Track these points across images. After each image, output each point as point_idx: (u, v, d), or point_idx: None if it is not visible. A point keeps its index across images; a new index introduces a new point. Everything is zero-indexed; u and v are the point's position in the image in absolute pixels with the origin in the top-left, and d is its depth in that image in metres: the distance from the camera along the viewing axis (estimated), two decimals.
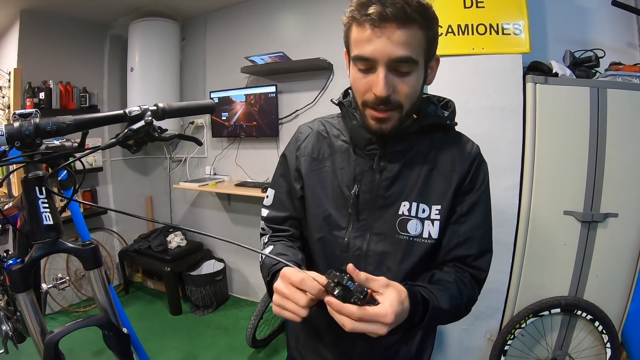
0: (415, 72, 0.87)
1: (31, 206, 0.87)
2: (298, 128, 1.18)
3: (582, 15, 2.28)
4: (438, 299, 0.86)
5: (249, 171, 3.70)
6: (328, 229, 1.03)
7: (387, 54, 0.82)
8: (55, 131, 0.84)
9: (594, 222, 1.95)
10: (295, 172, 1.10)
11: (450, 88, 1.97)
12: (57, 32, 3.55)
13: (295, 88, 3.37)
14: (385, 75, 0.84)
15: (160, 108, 0.93)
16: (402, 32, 0.81)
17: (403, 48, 0.82)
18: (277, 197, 1.13)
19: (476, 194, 0.99)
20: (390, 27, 0.81)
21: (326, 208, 1.04)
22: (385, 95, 0.84)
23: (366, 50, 0.84)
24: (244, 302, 3.84)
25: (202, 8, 3.78)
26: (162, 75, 3.71)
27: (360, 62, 0.87)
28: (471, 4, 1.93)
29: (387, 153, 0.99)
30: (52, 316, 3.48)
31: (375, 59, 0.83)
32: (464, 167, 0.99)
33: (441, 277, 0.94)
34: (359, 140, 1.02)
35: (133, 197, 4.40)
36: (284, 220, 1.10)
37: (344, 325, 0.72)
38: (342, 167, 1.04)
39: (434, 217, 0.97)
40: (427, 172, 0.99)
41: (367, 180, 1.00)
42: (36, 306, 0.92)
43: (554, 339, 2.10)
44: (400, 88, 0.86)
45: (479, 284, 1.01)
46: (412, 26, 0.82)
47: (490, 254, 1.02)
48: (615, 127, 1.91)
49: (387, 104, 0.87)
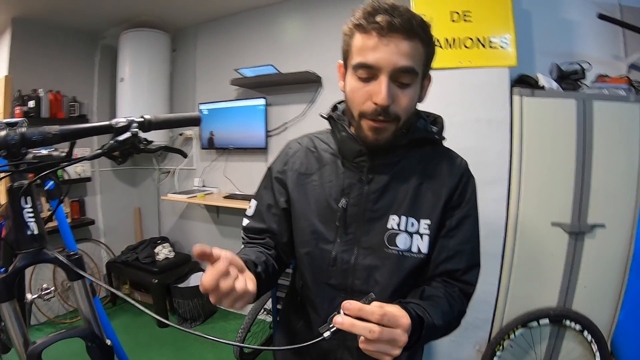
0: (414, 85, 0.88)
1: (16, 215, 0.86)
2: (287, 144, 1.18)
3: (568, 29, 2.33)
4: (431, 316, 0.84)
5: (238, 183, 3.70)
6: (315, 242, 1.03)
7: (392, 63, 0.83)
8: (40, 141, 0.84)
9: (582, 233, 1.97)
10: (280, 186, 1.10)
11: (438, 101, 1.98)
12: (48, 41, 3.55)
13: (284, 101, 3.39)
14: (388, 84, 0.84)
15: (146, 120, 0.93)
16: (407, 43, 0.83)
17: (407, 59, 0.84)
18: (258, 209, 1.13)
19: (465, 208, 1.00)
20: (397, 37, 0.82)
21: (313, 222, 1.03)
22: (386, 104, 0.85)
23: (371, 58, 0.84)
24: (231, 315, 3.80)
25: (193, 20, 3.80)
26: (152, 86, 3.71)
27: (362, 70, 0.87)
28: (458, 18, 1.96)
29: (376, 165, 0.99)
30: (38, 327, 3.43)
31: (380, 67, 0.84)
32: (453, 182, 0.99)
33: (432, 293, 0.93)
34: (348, 152, 1.01)
35: (121, 208, 4.36)
36: (262, 231, 1.10)
37: (365, 334, 0.66)
38: (330, 180, 1.04)
39: (423, 231, 0.96)
40: (416, 186, 0.99)
41: (355, 193, 1.00)
42: (19, 316, 0.90)
43: (544, 349, 2.10)
44: (400, 99, 0.87)
45: (468, 298, 1.00)
46: (416, 39, 0.84)
47: (478, 268, 1.02)
48: (601, 139, 1.93)
49: (386, 114, 0.87)
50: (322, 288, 1.03)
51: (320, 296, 1.04)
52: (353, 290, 0.99)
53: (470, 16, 1.95)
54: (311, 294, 1.05)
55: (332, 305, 1.02)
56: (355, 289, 0.99)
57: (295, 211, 1.07)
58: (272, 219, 1.10)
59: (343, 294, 1.00)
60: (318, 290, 1.04)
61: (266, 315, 3.08)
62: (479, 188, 1.04)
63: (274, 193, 1.11)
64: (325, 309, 1.03)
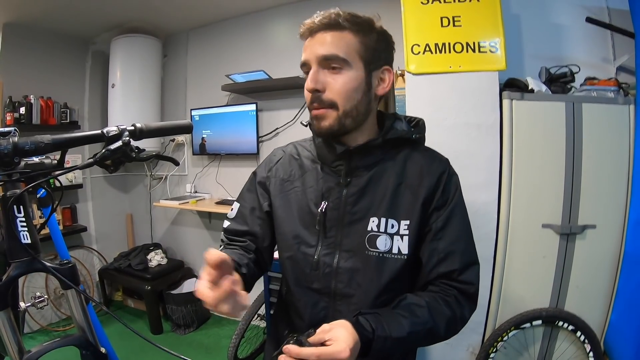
0: (346, 71, 0.93)
1: (9, 224, 0.86)
2: (272, 151, 1.21)
3: (557, 32, 2.35)
4: (389, 327, 0.84)
5: (230, 189, 3.69)
6: (297, 247, 1.03)
7: (314, 53, 0.93)
8: (33, 150, 0.84)
9: (573, 234, 1.98)
10: (263, 190, 1.12)
11: (428, 105, 2.01)
12: (39, 47, 3.53)
13: (275, 106, 3.40)
14: (315, 71, 0.93)
15: (137, 128, 0.94)
16: (329, 34, 0.92)
17: (329, 47, 0.92)
18: (241, 211, 1.14)
19: (449, 207, 0.99)
20: (320, 33, 0.94)
21: (295, 227, 1.04)
22: (310, 87, 0.93)
23: (304, 56, 0.96)
24: (225, 320, 3.78)
25: (184, 25, 3.81)
26: (143, 92, 3.70)
27: (303, 68, 0.98)
28: (448, 23, 1.97)
29: (353, 168, 1.01)
30: (31, 335, 3.41)
31: (309, 60, 0.95)
32: (431, 181, 0.99)
33: (412, 302, 0.92)
34: (325, 156, 1.04)
35: (113, 215, 4.34)
36: (243, 234, 1.11)
37: None
38: (311, 186, 1.06)
39: (402, 232, 0.97)
40: (394, 187, 0.99)
41: (334, 197, 1.01)
42: (14, 325, 0.90)
43: (537, 350, 2.11)
44: (331, 84, 0.93)
45: (471, 298, 0.99)
46: (343, 31, 0.93)
47: (477, 265, 1.01)
48: (591, 140, 1.95)
49: (320, 101, 0.94)
50: (305, 292, 1.04)
51: (303, 300, 1.04)
52: (336, 294, 1.00)
53: (460, 21, 1.96)
54: (294, 299, 1.06)
55: (315, 310, 1.02)
56: (338, 292, 0.99)
57: (278, 217, 1.08)
58: (255, 221, 1.11)
59: (326, 297, 1.01)
60: (301, 295, 1.04)
61: (260, 321, 3.07)
62: (470, 191, 1.05)
63: (257, 196, 1.13)
64: (308, 314, 1.03)
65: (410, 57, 2.00)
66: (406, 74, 2.04)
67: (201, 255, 0.73)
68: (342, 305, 0.99)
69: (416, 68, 2.00)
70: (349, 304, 0.99)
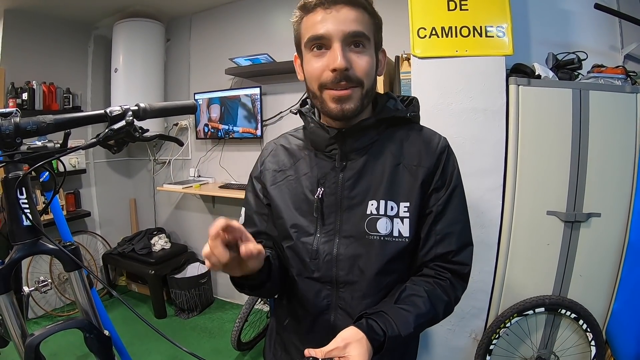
0: (369, 49, 0.91)
1: (11, 207, 0.86)
2: (264, 146, 1.20)
3: (565, 18, 2.32)
4: (397, 326, 0.85)
5: (233, 173, 3.69)
6: (296, 236, 1.01)
7: (341, 30, 0.87)
8: (35, 130, 0.84)
9: (577, 222, 1.97)
10: (261, 186, 1.11)
11: (435, 90, 1.99)
12: (41, 32, 3.52)
13: (279, 90, 3.38)
14: (342, 48, 0.87)
15: (141, 108, 0.93)
16: (352, 11, 0.88)
17: (355, 24, 0.88)
18: (247, 215, 1.14)
19: (449, 188, 0.98)
20: (340, 6, 0.88)
21: (292, 216, 1.02)
22: (343, 65, 0.86)
23: (321, 29, 0.88)
24: (229, 304, 3.82)
25: (187, 9, 3.78)
26: (146, 77, 3.69)
27: (314, 44, 0.90)
28: (455, 7, 1.94)
29: (348, 151, 0.99)
30: (36, 320, 3.44)
31: (330, 36, 0.87)
32: (430, 161, 0.98)
33: (412, 292, 0.92)
34: (319, 141, 1.02)
35: (117, 200, 4.35)
36: (256, 235, 1.07)
37: None
38: (305, 173, 1.04)
39: (402, 214, 0.95)
40: (392, 168, 0.98)
41: (331, 182, 0.99)
42: (17, 309, 0.90)
43: (539, 337, 2.11)
44: (358, 63, 0.89)
45: (464, 278, 1.00)
46: (360, 9, 0.88)
47: (471, 247, 1.01)
48: (597, 128, 1.93)
49: (348, 79, 0.89)
50: (307, 282, 1.02)
51: (305, 290, 1.02)
52: (338, 282, 0.98)
53: (467, 5, 1.93)
54: (296, 288, 1.04)
55: (318, 299, 1.01)
56: (340, 280, 0.98)
57: (275, 208, 1.06)
58: (262, 219, 1.10)
59: (329, 286, 0.99)
60: (303, 284, 1.03)
61: (263, 305, 3.09)
62: (475, 177, 1.03)
63: (257, 194, 1.12)
64: (311, 303, 1.02)
65: (416, 41, 1.97)
66: (412, 57, 2.01)
67: (205, 240, 0.73)
68: (345, 293, 0.98)
69: (422, 52, 1.98)
70: (352, 290, 0.97)
